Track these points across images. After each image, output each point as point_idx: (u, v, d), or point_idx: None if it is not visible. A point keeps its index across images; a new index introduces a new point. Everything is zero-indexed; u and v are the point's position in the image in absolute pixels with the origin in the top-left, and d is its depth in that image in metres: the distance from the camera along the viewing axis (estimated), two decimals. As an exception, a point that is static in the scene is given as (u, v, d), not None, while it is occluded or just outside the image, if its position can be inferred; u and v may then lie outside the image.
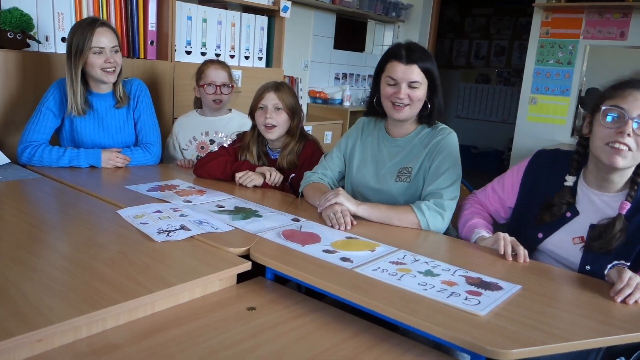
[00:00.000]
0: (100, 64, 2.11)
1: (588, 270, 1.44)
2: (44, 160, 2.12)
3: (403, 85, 1.71)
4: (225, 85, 2.45)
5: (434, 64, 1.74)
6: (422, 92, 1.74)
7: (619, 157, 1.35)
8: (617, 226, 1.39)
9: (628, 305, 1.20)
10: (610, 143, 1.36)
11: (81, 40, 2.07)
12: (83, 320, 0.99)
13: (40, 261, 1.23)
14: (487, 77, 7.52)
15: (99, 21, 2.13)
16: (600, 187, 1.47)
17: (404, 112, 1.75)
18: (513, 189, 1.65)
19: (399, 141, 1.85)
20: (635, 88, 1.36)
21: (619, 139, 1.34)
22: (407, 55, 1.70)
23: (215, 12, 3.13)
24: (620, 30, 4.29)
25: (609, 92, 1.39)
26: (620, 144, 1.34)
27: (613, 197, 1.45)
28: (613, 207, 1.44)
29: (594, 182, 1.49)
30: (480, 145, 7.31)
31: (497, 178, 1.72)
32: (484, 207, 1.74)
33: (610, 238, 1.39)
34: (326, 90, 4.64)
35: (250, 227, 1.55)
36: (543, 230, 1.53)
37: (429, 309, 1.11)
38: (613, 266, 1.41)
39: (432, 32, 5.38)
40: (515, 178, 1.65)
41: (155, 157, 2.34)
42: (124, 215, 1.58)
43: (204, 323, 1.11)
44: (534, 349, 0.98)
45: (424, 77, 1.72)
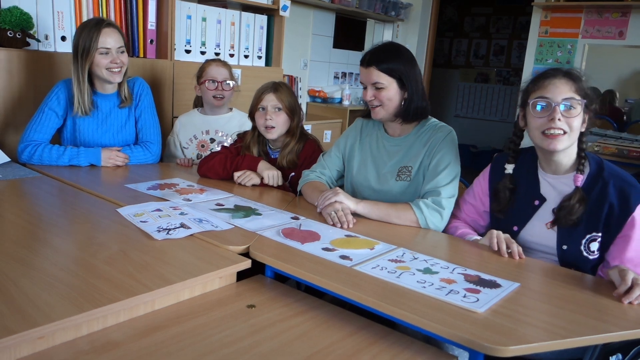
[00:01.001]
0: (106, 64, 2.12)
1: (566, 250, 1.51)
2: (43, 159, 2.12)
3: (369, 87, 1.76)
4: (226, 81, 2.45)
5: (401, 62, 1.74)
6: (392, 92, 1.75)
7: (556, 142, 1.46)
8: (574, 198, 1.48)
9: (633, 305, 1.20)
10: (546, 130, 1.46)
11: (87, 41, 2.08)
12: (83, 317, 1.00)
13: (41, 259, 1.23)
14: (486, 76, 7.52)
15: (105, 22, 2.15)
16: (554, 171, 1.56)
17: (378, 113, 1.79)
18: (484, 193, 1.71)
19: (398, 140, 1.85)
20: (552, 76, 1.48)
21: (551, 125, 1.45)
22: (368, 58, 1.75)
23: (215, 11, 3.13)
24: (619, 29, 4.30)
25: (532, 86, 1.52)
26: (554, 129, 1.45)
27: (568, 176, 1.54)
28: (571, 186, 1.52)
29: (546, 167, 1.58)
30: (479, 144, 7.31)
31: (465, 191, 1.79)
32: (463, 221, 1.77)
33: (571, 209, 1.48)
34: (325, 89, 4.64)
35: (250, 226, 1.55)
36: (517, 223, 1.59)
37: (428, 306, 1.12)
38: (587, 240, 1.48)
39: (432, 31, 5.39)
40: (482, 184, 1.72)
41: (155, 156, 2.34)
42: (124, 214, 1.58)
43: (203, 321, 1.11)
44: (532, 346, 0.99)
45: (388, 77, 1.73)
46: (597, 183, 1.48)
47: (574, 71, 1.51)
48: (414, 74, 1.76)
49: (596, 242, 1.48)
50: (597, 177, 1.49)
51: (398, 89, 1.75)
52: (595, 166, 1.51)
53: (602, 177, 1.48)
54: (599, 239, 1.47)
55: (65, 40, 2.49)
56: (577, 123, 1.45)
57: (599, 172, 1.50)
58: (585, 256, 1.48)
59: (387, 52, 1.76)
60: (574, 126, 1.45)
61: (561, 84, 1.46)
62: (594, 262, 1.49)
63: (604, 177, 1.48)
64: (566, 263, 1.51)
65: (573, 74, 1.49)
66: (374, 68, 1.74)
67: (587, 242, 1.48)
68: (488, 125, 7.49)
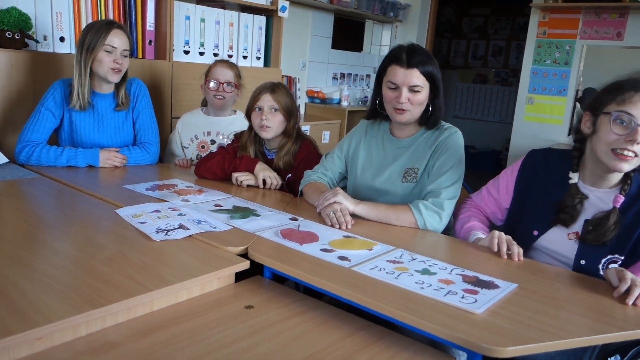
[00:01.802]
0: (108, 62, 2.13)
1: (583, 265, 1.46)
2: (41, 159, 2.12)
3: (404, 90, 1.70)
4: (228, 83, 2.45)
5: (435, 66, 1.73)
6: (424, 96, 1.73)
7: (625, 164, 1.36)
8: (611, 219, 1.41)
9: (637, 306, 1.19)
10: (618, 149, 1.35)
11: (95, 38, 2.10)
12: (82, 318, 1.00)
13: (39, 260, 1.23)
14: (484, 77, 7.53)
15: (116, 23, 2.17)
16: (594, 184, 1.49)
17: (406, 116, 1.74)
18: (508, 190, 1.66)
19: (404, 142, 1.85)
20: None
21: (627, 146, 1.34)
22: (408, 59, 1.69)
23: (214, 12, 3.14)
24: (617, 30, 4.31)
25: (617, 96, 1.37)
26: (628, 151, 1.34)
27: (606, 192, 1.47)
28: (607, 203, 1.45)
29: (589, 179, 1.50)
30: (478, 145, 7.32)
31: (491, 180, 1.73)
32: (480, 210, 1.75)
33: (605, 230, 1.41)
34: (324, 90, 4.64)
35: (249, 226, 1.55)
36: (538, 228, 1.54)
37: (426, 307, 1.12)
38: (607, 261, 1.43)
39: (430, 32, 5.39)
40: (509, 179, 1.66)
41: (153, 157, 2.34)
42: (123, 215, 1.58)
43: (202, 321, 1.11)
44: (530, 347, 0.99)
45: (425, 80, 1.71)
46: (635, 205, 1.42)
47: None
48: (440, 78, 1.75)
49: (616, 264, 1.42)
50: (635, 200, 1.43)
51: (428, 94, 1.74)
52: (636, 188, 1.44)
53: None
54: (619, 262, 1.42)
55: (64, 41, 2.49)
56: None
57: (638, 195, 1.43)
58: (600, 275, 1.43)
59: (425, 54, 1.72)
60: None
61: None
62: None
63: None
64: None
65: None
66: (417, 70, 1.68)
67: (607, 262, 1.43)
68: (486, 126, 7.51)
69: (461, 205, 1.77)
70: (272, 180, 2.04)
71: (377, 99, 1.84)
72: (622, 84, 1.39)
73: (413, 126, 1.83)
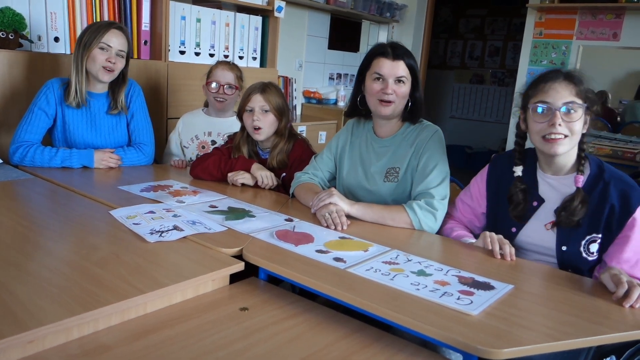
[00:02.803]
0: (101, 60, 2.11)
1: (565, 251, 1.50)
2: (35, 160, 2.10)
3: (390, 81, 1.73)
4: (229, 85, 2.44)
5: (416, 62, 1.79)
6: (407, 89, 1.77)
7: (557, 145, 1.46)
8: (576, 199, 1.48)
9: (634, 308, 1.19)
10: (547, 135, 1.46)
11: (92, 36, 2.10)
12: (74, 321, 0.99)
13: (32, 262, 1.22)
14: (481, 77, 7.53)
15: (116, 24, 2.17)
16: (553, 171, 1.56)
17: (390, 108, 1.76)
18: (481, 195, 1.70)
19: (386, 141, 1.85)
20: (552, 80, 1.46)
21: (552, 130, 1.45)
22: (393, 51, 1.74)
23: (209, 12, 3.13)
24: (613, 31, 4.31)
25: (532, 90, 1.51)
26: (555, 134, 1.45)
27: (568, 177, 1.53)
28: (572, 187, 1.52)
29: (546, 168, 1.57)
30: (475, 145, 7.32)
31: (462, 191, 1.78)
32: (458, 221, 1.76)
33: (573, 210, 1.47)
34: (320, 90, 4.64)
35: (243, 228, 1.55)
36: (516, 225, 1.59)
37: (422, 308, 1.11)
38: (587, 241, 1.48)
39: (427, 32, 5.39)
40: (480, 185, 1.71)
41: (148, 157, 2.33)
42: (117, 216, 1.57)
43: (196, 324, 1.11)
44: (525, 348, 0.99)
45: (409, 73, 1.75)
46: (598, 184, 1.49)
47: (575, 73, 1.49)
48: (419, 75, 1.80)
49: (596, 243, 1.48)
50: (598, 179, 1.49)
51: (410, 87, 1.77)
52: (595, 168, 1.52)
53: (603, 178, 1.49)
54: (599, 240, 1.48)
55: (59, 41, 2.48)
56: (578, 127, 1.45)
57: (599, 174, 1.50)
58: (584, 257, 1.49)
59: (407, 50, 1.78)
60: (575, 130, 1.45)
61: (562, 87, 1.45)
62: (592, 263, 1.49)
63: (605, 178, 1.48)
64: (564, 265, 1.51)
65: (574, 77, 1.47)
66: (403, 62, 1.74)
67: (587, 243, 1.48)
68: (483, 126, 7.51)
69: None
70: (268, 180, 2.03)
71: (358, 96, 1.87)
72: (535, 79, 1.52)
73: (395, 123, 1.84)
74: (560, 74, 1.48)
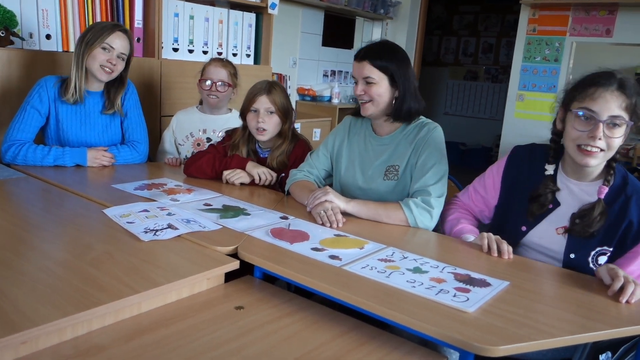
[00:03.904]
0: (102, 59, 2.10)
1: (572, 259, 1.47)
2: (28, 159, 2.09)
3: (360, 81, 1.75)
4: (221, 82, 2.43)
5: (395, 60, 1.73)
6: (382, 89, 1.74)
7: (590, 158, 1.39)
8: (596, 210, 1.42)
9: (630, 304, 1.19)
10: (583, 145, 1.39)
11: (96, 35, 2.10)
12: (68, 321, 0.98)
13: (24, 262, 1.21)
14: (475, 74, 7.55)
15: (122, 27, 2.17)
16: (578, 177, 1.50)
17: (368, 109, 1.77)
18: (495, 187, 1.66)
19: (385, 139, 1.84)
20: (604, 88, 1.36)
21: (590, 142, 1.37)
22: (363, 52, 1.75)
23: (203, 9, 3.11)
24: (606, 27, 4.33)
25: (580, 92, 1.40)
26: (591, 147, 1.37)
27: (591, 185, 1.48)
28: (592, 195, 1.46)
29: (571, 172, 1.52)
30: (469, 141, 7.34)
31: (477, 178, 1.73)
32: (468, 209, 1.74)
33: (591, 221, 1.42)
34: (315, 87, 4.63)
35: (239, 226, 1.54)
36: (526, 224, 1.54)
37: (418, 306, 1.11)
38: (596, 253, 1.44)
39: (420, 29, 5.39)
40: (495, 176, 1.66)
41: (142, 156, 2.32)
42: (110, 215, 1.56)
43: (191, 323, 1.10)
44: (522, 345, 0.99)
45: (381, 73, 1.73)
46: (620, 197, 1.44)
47: (629, 83, 1.36)
48: (406, 73, 1.75)
49: (605, 256, 1.44)
50: (620, 191, 1.44)
51: (389, 87, 1.74)
52: (620, 179, 1.46)
53: (625, 192, 1.43)
54: (608, 254, 1.44)
55: (50, 39, 2.46)
56: (617, 143, 1.37)
57: (622, 186, 1.44)
58: (590, 267, 1.44)
59: (382, 49, 1.76)
60: (614, 145, 1.37)
61: (612, 98, 1.34)
62: None
63: (627, 192, 1.43)
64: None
65: (627, 87, 1.35)
66: (367, 62, 1.73)
67: (597, 255, 1.44)
68: (477, 122, 7.53)
69: (448, 206, 1.76)
70: (265, 176, 2.02)
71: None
72: (585, 80, 1.42)
73: (391, 122, 1.82)
74: (614, 81, 1.36)
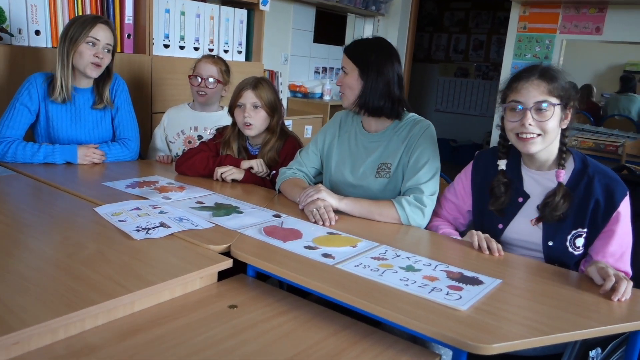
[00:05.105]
0: (89, 55, 2.07)
1: (551, 246, 1.51)
2: (17, 156, 2.06)
3: (341, 72, 1.80)
4: (211, 79, 2.41)
5: (372, 54, 1.73)
6: (352, 80, 1.75)
7: (529, 144, 1.47)
8: (558, 193, 1.48)
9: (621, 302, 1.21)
10: (519, 134, 1.47)
11: (79, 30, 2.06)
12: (60, 321, 0.97)
13: (15, 261, 1.20)
14: (465, 70, 7.57)
15: (102, 18, 2.13)
16: (537, 166, 1.57)
17: (343, 99, 1.81)
18: (466, 192, 1.70)
19: (375, 136, 1.84)
20: (525, 80, 1.46)
21: (522, 129, 1.46)
22: (348, 44, 1.79)
23: (194, 5, 3.09)
24: (596, 25, 4.36)
25: (508, 88, 1.51)
26: (526, 133, 1.46)
27: (552, 172, 1.53)
28: (555, 182, 1.52)
29: (529, 163, 1.58)
30: (459, 138, 7.37)
31: (447, 188, 1.78)
32: (444, 219, 1.77)
33: (555, 205, 1.48)
34: (306, 84, 4.62)
35: (231, 224, 1.53)
36: (502, 221, 1.59)
37: (411, 304, 1.12)
38: (573, 236, 1.49)
39: (412, 26, 5.39)
40: (464, 182, 1.71)
41: (133, 153, 2.30)
42: (102, 213, 1.55)
43: (185, 322, 1.10)
44: (515, 343, 1.00)
45: (352, 64, 1.75)
46: (583, 179, 1.49)
47: (550, 70, 1.48)
48: (382, 69, 1.73)
49: (582, 237, 1.49)
50: (582, 174, 1.50)
51: (358, 78, 1.75)
52: (580, 163, 1.52)
53: (587, 173, 1.49)
54: (584, 235, 1.49)
55: (40, 35, 2.43)
56: (551, 125, 1.45)
57: (583, 169, 1.51)
58: (570, 252, 1.50)
59: (364, 42, 1.78)
60: (548, 128, 1.44)
61: (534, 86, 1.44)
62: (578, 257, 1.51)
63: (589, 173, 1.49)
64: (551, 259, 1.52)
65: (548, 74, 1.46)
66: (345, 54, 1.78)
67: (573, 238, 1.49)
68: (467, 119, 7.55)
69: None
70: (259, 166, 2.02)
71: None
72: (512, 77, 1.52)
73: (380, 119, 1.82)
74: (534, 72, 1.46)
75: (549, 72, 1.47)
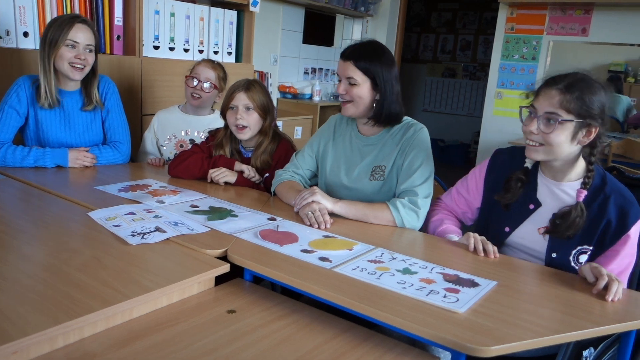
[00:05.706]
0: (69, 57, 2.04)
1: (554, 258, 1.50)
2: (7, 160, 2.04)
3: (343, 81, 1.76)
4: (208, 83, 2.40)
5: (379, 63, 1.72)
6: (363, 91, 1.74)
7: (532, 152, 1.47)
8: (574, 213, 1.45)
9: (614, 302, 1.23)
10: (527, 139, 1.47)
11: (57, 33, 2.02)
12: (59, 330, 0.96)
13: (10, 268, 1.18)
14: (453, 71, 7.62)
15: (80, 18, 2.09)
16: (553, 176, 1.54)
17: (348, 110, 1.78)
18: (477, 190, 1.69)
19: (371, 139, 1.85)
20: (550, 87, 1.42)
21: (527, 135, 1.46)
22: (348, 52, 1.74)
23: (184, 6, 3.07)
24: (582, 26, 4.41)
25: (537, 90, 1.48)
26: (530, 140, 1.46)
27: (571, 185, 1.50)
28: (571, 196, 1.49)
29: (546, 171, 1.55)
30: (447, 138, 7.42)
31: (460, 181, 1.77)
32: (451, 211, 1.77)
33: (569, 225, 1.45)
34: (296, 85, 4.62)
35: (227, 228, 1.53)
36: (510, 224, 1.58)
37: (409, 307, 1.12)
38: (577, 252, 1.47)
39: (400, 26, 5.41)
40: (478, 179, 1.70)
41: (124, 156, 2.28)
42: (96, 218, 1.54)
43: (183, 328, 1.09)
44: (513, 345, 1.01)
45: (363, 75, 1.72)
46: (598, 197, 1.46)
47: (580, 83, 1.39)
48: (390, 77, 1.74)
49: (586, 255, 1.47)
50: (599, 191, 1.47)
51: (371, 89, 1.74)
52: (598, 179, 1.48)
53: (604, 191, 1.46)
54: (589, 252, 1.47)
55: (28, 36, 2.40)
56: (556, 139, 1.40)
57: (601, 186, 1.47)
58: (572, 266, 1.48)
59: (368, 50, 1.75)
60: (551, 141, 1.40)
61: (550, 96, 1.40)
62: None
63: (606, 191, 1.46)
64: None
65: (574, 87, 1.38)
66: (351, 63, 1.73)
67: (577, 254, 1.48)
68: (455, 119, 7.60)
69: (431, 207, 1.78)
70: (250, 171, 2.02)
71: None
72: (545, 79, 1.47)
73: (372, 126, 1.82)
74: (560, 82, 1.40)
75: (576, 86, 1.39)
